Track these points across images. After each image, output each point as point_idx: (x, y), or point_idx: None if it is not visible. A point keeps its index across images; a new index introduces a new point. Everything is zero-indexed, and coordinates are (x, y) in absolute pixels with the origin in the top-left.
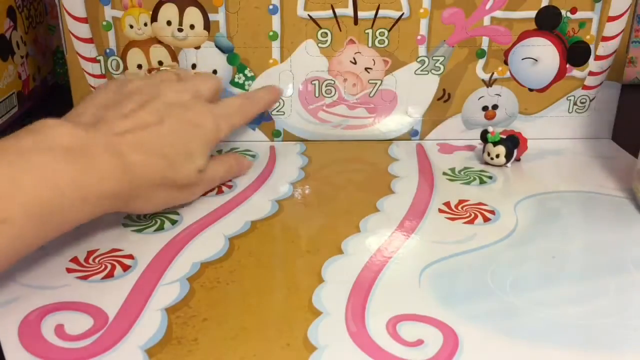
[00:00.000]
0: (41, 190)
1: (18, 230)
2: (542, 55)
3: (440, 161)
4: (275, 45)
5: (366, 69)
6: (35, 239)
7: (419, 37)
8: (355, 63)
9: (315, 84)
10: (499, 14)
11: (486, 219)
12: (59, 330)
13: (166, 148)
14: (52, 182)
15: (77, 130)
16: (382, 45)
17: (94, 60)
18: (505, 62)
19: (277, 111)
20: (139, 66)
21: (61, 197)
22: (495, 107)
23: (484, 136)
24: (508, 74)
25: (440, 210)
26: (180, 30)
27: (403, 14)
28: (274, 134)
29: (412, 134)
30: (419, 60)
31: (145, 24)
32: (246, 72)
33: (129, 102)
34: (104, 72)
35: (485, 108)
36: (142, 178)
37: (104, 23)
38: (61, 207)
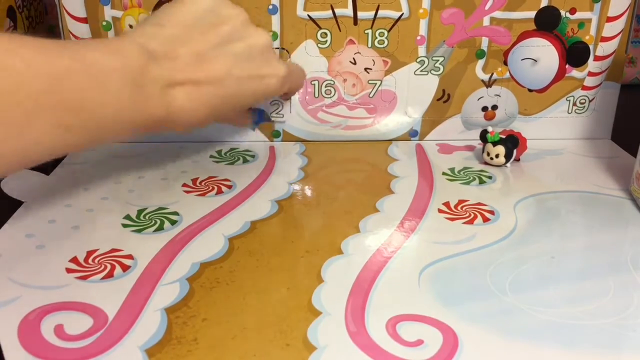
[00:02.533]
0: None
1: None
2: (542, 55)
3: (439, 161)
4: (275, 45)
5: (366, 69)
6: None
7: (418, 38)
8: (354, 63)
9: (314, 84)
10: (498, 14)
11: (486, 219)
12: (59, 330)
13: (218, 103)
14: (102, 85)
15: (146, 60)
16: (382, 46)
17: None
18: (505, 63)
19: (277, 113)
20: None
21: (96, 98)
22: (494, 107)
23: (483, 136)
24: (507, 75)
25: (440, 210)
26: None
27: (402, 14)
28: (274, 134)
29: (411, 134)
30: (418, 60)
31: None
32: None
33: (214, 34)
34: None
35: (484, 108)
36: (178, 123)
37: (104, 23)
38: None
